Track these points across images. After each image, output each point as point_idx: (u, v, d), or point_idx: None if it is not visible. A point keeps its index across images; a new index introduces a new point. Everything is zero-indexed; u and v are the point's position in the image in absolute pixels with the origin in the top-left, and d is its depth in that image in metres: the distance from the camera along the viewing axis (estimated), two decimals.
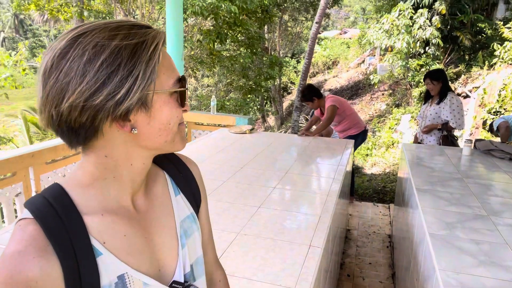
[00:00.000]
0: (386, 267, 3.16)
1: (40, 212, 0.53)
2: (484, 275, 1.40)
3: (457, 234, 1.72)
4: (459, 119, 3.50)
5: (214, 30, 7.49)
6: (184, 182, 0.74)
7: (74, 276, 0.52)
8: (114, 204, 0.60)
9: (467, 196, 2.17)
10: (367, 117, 10.81)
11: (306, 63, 10.42)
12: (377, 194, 4.81)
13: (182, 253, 0.67)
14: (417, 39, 8.01)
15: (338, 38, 23.01)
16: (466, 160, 2.94)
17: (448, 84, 3.66)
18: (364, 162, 6.56)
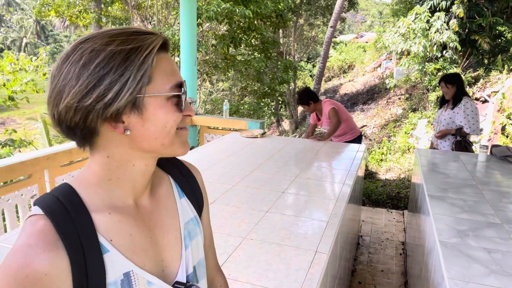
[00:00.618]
0: (399, 275, 3.10)
1: (50, 208, 0.56)
2: (495, 285, 1.36)
3: (468, 242, 1.67)
4: (473, 124, 3.43)
5: (229, 35, 7.55)
6: (188, 186, 0.76)
7: (81, 271, 0.54)
8: (120, 203, 0.63)
9: (481, 204, 2.12)
10: (383, 122, 10.68)
11: (321, 67, 10.39)
12: (391, 200, 4.73)
13: (186, 254, 0.69)
14: (433, 43, 7.88)
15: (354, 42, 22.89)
16: (482, 166, 2.87)
17: (463, 88, 3.59)
18: (378, 167, 6.47)
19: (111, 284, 0.57)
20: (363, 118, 12.33)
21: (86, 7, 9.00)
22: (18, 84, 7.82)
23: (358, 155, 3.25)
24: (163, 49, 0.61)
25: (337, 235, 1.81)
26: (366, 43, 21.53)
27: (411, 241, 3.12)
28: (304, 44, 17.73)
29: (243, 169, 2.73)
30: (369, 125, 11.26)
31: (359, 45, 21.70)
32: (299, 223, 1.90)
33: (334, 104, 3.94)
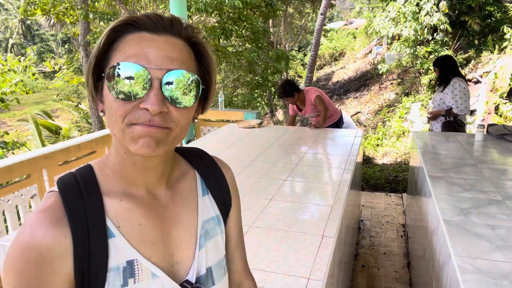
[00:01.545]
0: (401, 257, 3.14)
1: (65, 186, 0.57)
2: (501, 259, 1.38)
3: (472, 220, 1.69)
4: (461, 104, 3.46)
5: (219, 26, 7.48)
6: (215, 184, 0.73)
7: (83, 252, 0.54)
8: (132, 191, 0.62)
9: (481, 182, 2.14)
10: (376, 107, 10.71)
11: (313, 55, 10.35)
12: (389, 184, 4.77)
13: (199, 254, 0.66)
14: (424, 26, 7.89)
15: (344, 29, 22.80)
16: (479, 145, 2.90)
17: (452, 69, 3.61)
18: (375, 152, 6.51)
19: (113, 270, 0.56)
20: (356, 104, 12.35)
21: (73, 4, 8.85)
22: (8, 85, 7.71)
23: (356, 140, 3.26)
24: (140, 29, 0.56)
25: (341, 219, 1.83)
26: (356, 29, 21.45)
27: (411, 223, 3.15)
28: (295, 33, 17.65)
29: (243, 160, 2.73)
30: (363, 111, 11.29)
31: (349, 32, 21.62)
32: (303, 209, 1.91)
33: (317, 91, 3.97)
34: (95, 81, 0.58)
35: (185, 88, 0.55)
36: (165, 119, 0.55)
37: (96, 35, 7.83)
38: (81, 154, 3.27)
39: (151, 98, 0.53)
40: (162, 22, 0.56)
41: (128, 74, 0.52)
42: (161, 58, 0.54)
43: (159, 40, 0.55)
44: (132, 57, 0.53)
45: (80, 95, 15.77)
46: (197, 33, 0.61)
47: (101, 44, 0.56)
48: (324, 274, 1.36)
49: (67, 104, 14.43)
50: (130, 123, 0.53)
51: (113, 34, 0.56)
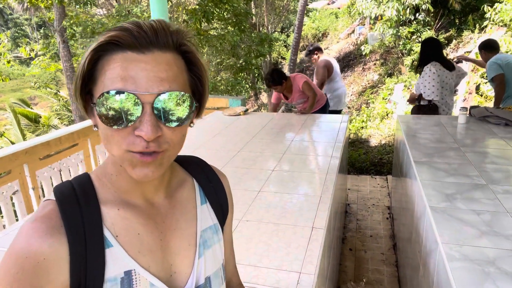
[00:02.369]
0: (387, 239, 3.21)
1: (62, 195, 0.57)
2: (487, 245, 1.42)
3: (457, 206, 1.73)
4: (429, 90, 3.51)
5: (200, 9, 7.30)
6: (213, 192, 0.73)
7: (80, 261, 0.53)
8: (129, 200, 0.61)
9: (465, 166, 2.18)
10: (360, 89, 10.75)
11: (296, 37, 10.27)
12: (374, 167, 4.83)
13: (198, 263, 0.66)
14: (406, 6, 7.88)
15: (327, 9, 22.60)
16: (462, 128, 2.94)
17: (429, 54, 3.60)
18: (359, 134, 6.57)
19: (110, 280, 0.55)
20: None
21: None
22: None
23: (342, 125, 3.27)
24: (123, 48, 0.52)
25: (330, 209, 1.84)
26: (338, 9, 21.29)
27: (397, 205, 3.21)
28: (277, 14, 17.41)
29: (230, 150, 2.71)
30: (347, 93, 11.32)
31: (331, 11, 21.45)
32: (293, 200, 1.91)
33: (304, 77, 3.96)
34: (84, 100, 0.56)
35: (177, 107, 0.54)
36: (159, 142, 0.53)
37: (72, 20, 7.55)
38: (63, 147, 3.19)
39: (144, 124, 0.51)
40: (146, 36, 0.53)
41: (117, 101, 0.51)
42: (150, 80, 0.52)
43: (145, 60, 0.52)
44: (119, 81, 0.51)
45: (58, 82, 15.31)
46: (186, 40, 0.57)
47: (85, 65, 0.53)
48: (316, 267, 1.37)
49: (46, 92, 14.01)
50: (128, 150, 0.53)
51: (96, 54, 0.54)
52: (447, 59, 3.69)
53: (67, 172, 3.15)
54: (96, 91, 0.54)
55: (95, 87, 0.54)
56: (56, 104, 13.12)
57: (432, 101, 3.58)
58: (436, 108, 3.62)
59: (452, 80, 3.65)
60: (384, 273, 2.76)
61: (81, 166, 3.30)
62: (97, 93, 0.54)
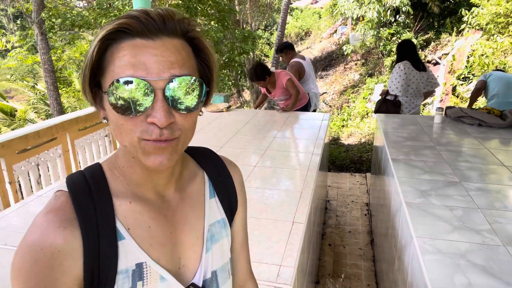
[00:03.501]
0: (365, 234, 3.29)
1: (75, 186, 0.57)
2: (458, 239, 1.49)
3: (432, 202, 1.80)
4: (394, 85, 3.77)
5: (183, 5, 7.25)
6: (222, 186, 0.72)
7: (93, 253, 0.54)
8: (141, 193, 0.61)
9: (439, 164, 2.26)
10: (341, 88, 10.89)
11: (279, 35, 10.31)
12: (354, 164, 4.93)
13: (206, 257, 0.66)
14: (387, 8, 8.04)
15: (310, 8, 22.74)
16: (438, 128, 3.04)
17: (401, 54, 3.83)
18: (340, 133, 6.67)
19: (122, 272, 0.56)
20: (322, 85, 12.50)
21: None
22: None
23: (323, 123, 3.33)
24: (132, 35, 0.52)
25: (310, 204, 1.88)
26: (321, 8, 21.47)
27: (375, 202, 3.29)
28: (260, 11, 17.42)
29: (212, 145, 2.72)
30: (329, 92, 11.46)
31: (314, 10, 21.62)
32: (274, 196, 1.94)
33: (288, 74, 3.98)
34: (92, 91, 0.56)
35: (188, 93, 0.54)
36: (172, 129, 0.53)
37: (51, 12, 7.36)
38: (41, 141, 3.12)
39: (157, 110, 0.51)
40: (154, 23, 0.53)
41: (129, 89, 0.50)
42: (160, 65, 0.51)
43: (155, 45, 0.52)
44: (130, 68, 0.51)
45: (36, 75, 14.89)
46: (193, 27, 0.58)
47: (94, 55, 0.53)
48: (295, 260, 1.40)
49: (22, 85, 13.60)
50: (142, 138, 0.52)
51: (104, 43, 0.53)
52: (420, 60, 3.89)
53: (45, 166, 3.09)
54: (106, 81, 0.53)
55: (104, 77, 0.53)
56: (33, 98, 12.76)
57: (398, 97, 3.79)
58: (400, 105, 3.83)
59: (420, 82, 3.82)
60: (362, 267, 2.84)
61: (59, 161, 3.24)
62: (106, 82, 0.53)
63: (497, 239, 1.48)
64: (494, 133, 2.85)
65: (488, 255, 1.38)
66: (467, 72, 6.40)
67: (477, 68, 6.20)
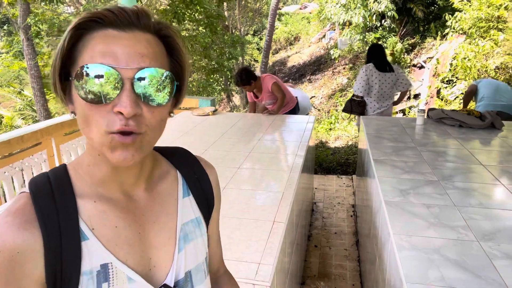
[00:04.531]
0: (351, 235, 3.32)
1: (36, 188, 0.56)
2: (434, 235, 1.52)
3: (410, 200, 1.84)
4: (355, 85, 4.10)
5: (171, 10, 7.27)
6: (198, 185, 0.72)
7: (55, 255, 0.53)
8: (106, 193, 0.60)
9: (420, 164, 2.31)
10: (330, 92, 10.99)
11: (267, 40, 10.39)
12: (341, 167, 4.98)
13: (178, 257, 0.64)
14: (373, 13, 8.16)
15: (299, 13, 22.93)
16: (420, 129, 3.10)
17: (370, 57, 4.09)
18: (328, 136, 6.73)
19: (86, 274, 0.55)
20: (311, 89, 12.59)
21: None
22: None
23: (308, 126, 3.36)
24: (105, 26, 0.53)
25: (292, 204, 1.91)
26: (310, 13, 21.67)
27: (360, 203, 3.33)
28: (249, 17, 17.52)
29: (197, 148, 2.73)
30: (317, 95, 11.55)
31: (303, 16, 21.80)
32: (256, 196, 1.96)
33: (273, 78, 4.02)
34: (62, 83, 0.55)
35: (158, 85, 0.53)
36: (139, 122, 0.52)
37: (38, 17, 7.32)
38: (25, 146, 3.11)
39: (123, 100, 0.51)
40: (128, 16, 0.53)
41: (97, 76, 0.50)
42: (130, 56, 0.51)
43: (126, 36, 0.52)
44: (99, 57, 0.51)
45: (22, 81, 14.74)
46: (167, 26, 0.58)
47: (65, 44, 0.53)
48: (275, 258, 1.42)
49: (9, 91, 13.45)
50: (108, 131, 0.51)
51: (76, 32, 0.53)
52: (386, 62, 4.08)
53: (30, 171, 3.07)
54: (75, 70, 0.52)
55: (74, 67, 0.53)
56: (20, 104, 12.62)
57: (364, 98, 4.07)
58: (364, 105, 4.11)
59: (386, 84, 4.00)
60: (347, 268, 2.86)
61: (44, 166, 3.22)
62: (73, 72, 0.52)
63: (472, 234, 1.52)
64: (474, 134, 2.92)
65: (461, 250, 1.42)
66: (451, 75, 6.52)
67: (460, 71, 6.33)
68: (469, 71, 6.03)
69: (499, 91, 3.87)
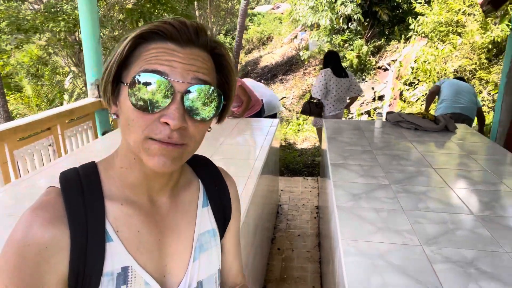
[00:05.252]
0: (314, 237, 3.37)
1: (67, 184, 0.56)
2: (380, 240, 1.56)
3: (361, 204, 1.88)
4: (314, 88, 4.41)
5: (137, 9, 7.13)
6: (217, 196, 0.73)
7: (80, 253, 0.53)
8: (133, 196, 0.61)
9: (374, 168, 2.37)
10: (300, 92, 11.12)
11: (237, 40, 10.38)
12: (307, 168, 5.04)
13: (192, 267, 0.66)
14: (340, 16, 8.32)
15: (271, 13, 23.06)
16: (378, 132, 3.18)
17: (326, 62, 4.45)
18: (296, 137, 6.80)
19: (107, 275, 0.55)
20: (282, 89, 12.69)
21: None
22: None
23: (271, 129, 3.38)
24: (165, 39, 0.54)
25: (248, 208, 1.91)
26: (282, 14, 21.83)
27: (322, 204, 3.39)
28: (221, 16, 17.45)
29: None
30: (288, 96, 11.65)
31: (275, 16, 21.94)
32: None
33: (239, 81, 4.03)
34: (113, 85, 0.56)
35: (205, 100, 0.55)
36: (182, 134, 0.53)
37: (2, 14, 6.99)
38: None
39: (172, 112, 0.52)
40: (188, 33, 0.55)
41: (151, 84, 0.51)
42: (186, 71, 0.53)
43: (184, 52, 0.54)
44: (156, 67, 0.52)
45: None
46: (220, 45, 0.60)
47: (124, 51, 0.54)
48: None
49: None
50: (149, 137, 0.52)
51: (136, 41, 0.55)
52: (342, 68, 4.46)
53: None
54: (129, 75, 0.54)
55: (128, 72, 0.54)
56: None
57: (321, 100, 4.38)
58: (322, 107, 4.41)
59: (341, 88, 4.38)
60: (308, 270, 2.90)
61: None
62: (129, 76, 0.54)
63: (416, 239, 1.58)
64: (428, 137, 3.02)
65: (405, 255, 1.46)
66: (413, 77, 6.74)
67: (421, 74, 6.55)
68: (429, 74, 6.25)
69: (460, 93, 4.00)
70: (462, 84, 4.19)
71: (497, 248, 1.50)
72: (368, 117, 6.93)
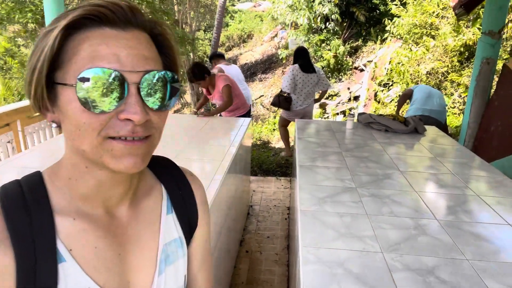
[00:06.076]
0: (283, 239, 3.32)
1: (8, 201, 0.49)
2: (341, 247, 1.51)
3: (325, 209, 1.83)
4: (283, 83, 4.66)
5: None
6: (181, 201, 0.66)
7: (28, 277, 0.47)
8: (87, 209, 0.54)
9: (342, 170, 2.32)
10: (278, 91, 11.08)
11: (215, 37, 10.25)
12: (281, 168, 4.99)
13: (158, 281, 0.59)
14: (317, 15, 8.31)
15: (252, 11, 22.96)
16: (349, 133, 3.16)
17: (296, 58, 4.65)
18: (271, 136, 6.75)
19: None
20: (261, 88, 12.63)
21: None
22: None
23: (241, 129, 3.31)
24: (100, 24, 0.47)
25: (211, 208, 1.82)
26: (263, 12, 21.77)
27: (293, 205, 3.34)
28: (201, 12, 17.23)
29: None
30: (266, 94, 11.60)
31: (256, 14, 21.86)
32: None
33: (228, 80, 3.94)
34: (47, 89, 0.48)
35: (162, 87, 0.49)
36: (146, 126, 0.48)
37: None
38: None
39: (132, 106, 0.46)
40: (124, 13, 0.47)
41: (100, 80, 0.44)
42: (135, 58, 0.47)
43: (127, 36, 0.47)
44: (100, 59, 0.45)
45: None
46: (159, 23, 0.53)
47: (55, 46, 0.46)
48: None
49: None
50: (108, 136, 0.47)
51: (66, 32, 0.46)
52: (310, 64, 4.65)
53: None
54: (67, 75, 0.46)
55: (64, 70, 0.46)
56: None
57: (290, 94, 4.59)
58: (290, 100, 4.64)
59: (309, 83, 4.61)
60: (276, 273, 2.85)
61: None
62: (68, 76, 0.46)
63: (377, 245, 1.53)
64: (398, 139, 3.02)
65: (365, 263, 1.42)
66: (387, 79, 6.80)
67: (395, 76, 6.62)
68: (403, 76, 6.32)
69: (431, 97, 4.13)
70: (435, 90, 4.34)
71: (458, 255, 1.47)
72: (344, 117, 6.95)
